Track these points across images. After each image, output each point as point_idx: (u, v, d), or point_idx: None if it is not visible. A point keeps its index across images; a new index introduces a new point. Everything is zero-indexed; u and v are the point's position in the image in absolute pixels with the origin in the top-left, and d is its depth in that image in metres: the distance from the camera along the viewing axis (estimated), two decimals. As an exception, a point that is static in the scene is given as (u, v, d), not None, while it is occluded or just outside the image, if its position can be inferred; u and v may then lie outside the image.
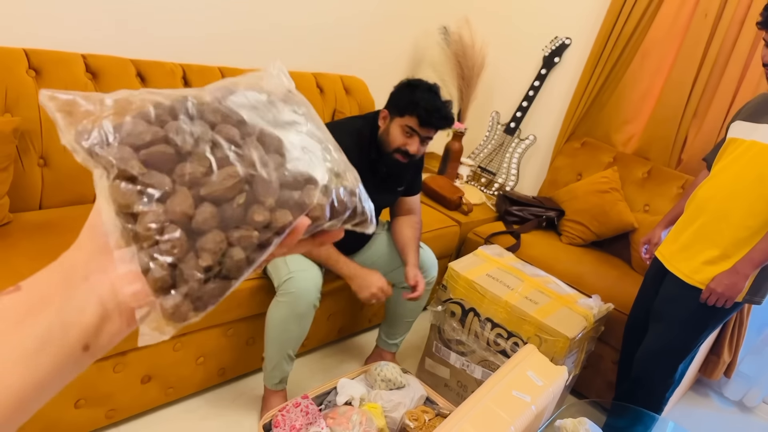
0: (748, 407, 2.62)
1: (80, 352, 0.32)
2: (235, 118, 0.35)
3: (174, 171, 0.32)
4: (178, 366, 1.73)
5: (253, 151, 0.34)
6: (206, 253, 0.32)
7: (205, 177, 0.33)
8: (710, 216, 1.67)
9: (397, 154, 1.74)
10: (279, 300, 1.69)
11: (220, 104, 0.35)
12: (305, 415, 1.53)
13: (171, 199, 0.32)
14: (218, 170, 0.33)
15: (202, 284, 0.33)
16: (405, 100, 1.70)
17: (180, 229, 0.32)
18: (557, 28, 3.01)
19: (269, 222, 0.34)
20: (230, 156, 0.34)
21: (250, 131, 0.35)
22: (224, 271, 0.33)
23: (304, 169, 0.36)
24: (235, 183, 0.33)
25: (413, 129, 1.70)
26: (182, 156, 0.33)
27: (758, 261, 1.57)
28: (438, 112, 1.67)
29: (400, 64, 3.24)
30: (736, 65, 2.44)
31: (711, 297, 1.64)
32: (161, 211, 0.31)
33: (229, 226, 0.33)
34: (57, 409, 1.50)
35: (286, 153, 0.36)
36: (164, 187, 0.32)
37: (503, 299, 1.89)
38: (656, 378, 1.85)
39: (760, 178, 1.57)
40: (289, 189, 0.35)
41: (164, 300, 0.32)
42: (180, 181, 0.32)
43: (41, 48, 1.72)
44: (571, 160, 2.92)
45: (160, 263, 0.31)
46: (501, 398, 1.43)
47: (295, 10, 2.52)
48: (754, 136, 1.61)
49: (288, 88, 0.40)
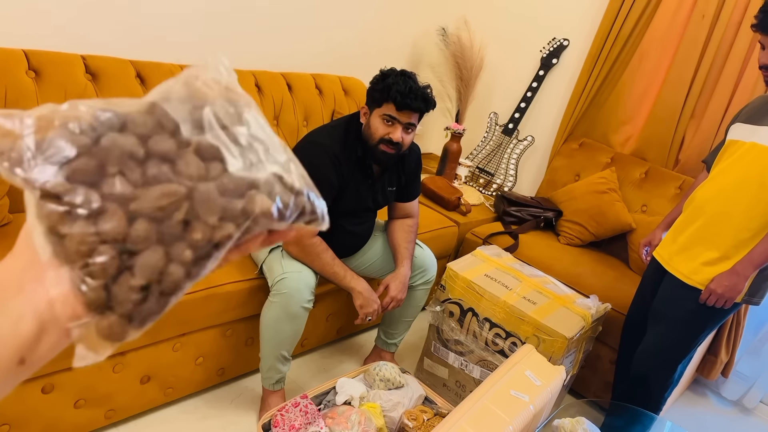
0: (746, 407, 2.62)
1: (15, 366, 0.31)
2: (169, 128, 0.33)
3: (102, 187, 0.31)
4: (177, 366, 1.73)
5: (191, 164, 0.33)
6: (141, 273, 0.31)
7: (137, 192, 0.31)
8: (710, 217, 1.68)
9: (382, 145, 1.72)
10: (272, 300, 1.69)
11: (153, 113, 0.33)
12: (304, 415, 1.54)
13: (101, 218, 0.30)
14: (153, 186, 0.31)
15: (138, 303, 0.31)
16: (379, 89, 1.69)
17: (111, 249, 0.30)
18: (555, 30, 3.02)
19: (210, 238, 0.32)
20: (165, 171, 0.32)
21: (186, 141, 0.33)
22: (162, 289, 0.32)
23: (245, 174, 0.34)
24: (172, 201, 0.31)
25: (392, 117, 1.68)
26: (111, 171, 0.31)
27: (758, 262, 1.58)
28: (413, 93, 1.65)
29: (399, 65, 3.23)
30: (733, 66, 2.45)
31: (711, 298, 1.64)
32: (91, 231, 0.30)
33: (168, 242, 0.32)
34: (57, 409, 1.50)
35: (226, 159, 0.34)
36: (92, 205, 0.30)
37: (501, 299, 1.89)
38: (655, 378, 1.86)
39: (761, 180, 1.57)
40: (231, 197, 0.33)
41: (99, 320, 0.31)
42: (110, 198, 0.31)
43: (41, 49, 1.73)
44: (569, 161, 2.93)
45: (92, 285, 0.30)
46: (499, 398, 1.44)
47: (295, 11, 2.52)
48: (754, 138, 1.61)
49: (227, 84, 0.37)
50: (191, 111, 0.34)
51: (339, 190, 1.75)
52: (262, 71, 2.36)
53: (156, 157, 0.32)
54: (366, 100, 1.77)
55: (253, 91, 2.29)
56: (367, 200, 1.86)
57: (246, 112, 0.36)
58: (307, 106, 2.48)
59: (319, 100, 2.54)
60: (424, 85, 1.71)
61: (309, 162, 1.70)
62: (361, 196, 1.83)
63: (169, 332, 1.63)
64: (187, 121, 0.34)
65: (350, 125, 1.79)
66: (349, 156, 1.74)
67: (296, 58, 2.63)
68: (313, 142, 1.74)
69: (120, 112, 0.33)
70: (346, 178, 1.75)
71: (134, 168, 0.31)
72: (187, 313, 1.63)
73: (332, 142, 1.72)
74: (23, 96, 1.63)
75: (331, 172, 1.70)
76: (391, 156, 1.75)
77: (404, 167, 1.91)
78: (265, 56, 2.50)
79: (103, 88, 1.80)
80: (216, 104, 0.35)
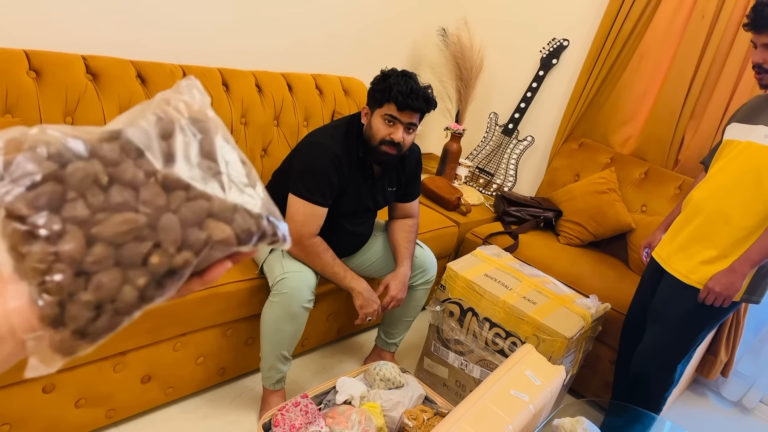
0: (746, 407, 2.63)
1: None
2: (133, 156, 0.35)
3: (64, 211, 0.32)
4: (177, 366, 1.73)
5: (154, 193, 0.34)
6: (95, 293, 0.33)
7: (98, 217, 0.33)
8: (707, 216, 1.68)
9: (384, 146, 1.72)
10: (272, 300, 1.70)
11: (119, 141, 0.35)
12: (304, 415, 1.54)
13: (61, 240, 0.32)
14: (115, 213, 0.33)
15: (90, 321, 0.33)
16: (380, 89, 1.69)
17: (69, 268, 0.32)
18: (555, 30, 3.02)
19: (168, 264, 0.34)
20: (128, 198, 0.34)
21: (151, 170, 0.35)
22: (116, 308, 0.33)
23: (206, 204, 0.36)
24: (131, 228, 0.33)
25: (394, 117, 1.68)
26: (74, 196, 0.33)
27: (755, 260, 1.58)
28: (414, 93, 1.65)
29: (399, 65, 3.24)
30: (732, 66, 2.45)
31: (709, 296, 1.65)
32: (50, 251, 0.32)
33: (125, 266, 0.33)
34: (57, 409, 1.50)
35: (189, 188, 0.35)
36: (53, 227, 0.32)
37: (501, 299, 1.90)
38: (654, 377, 1.86)
39: (757, 179, 1.58)
40: (190, 226, 0.35)
41: (52, 334, 0.32)
42: (71, 221, 0.32)
43: (42, 49, 1.73)
44: (569, 161, 2.93)
45: (47, 301, 0.32)
46: (499, 397, 1.44)
47: (295, 12, 2.53)
48: (750, 137, 1.62)
49: (199, 107, 0.39)
50: (158, 138, 0.36)
51: (339, 190, 1.75)
52: (263, 71, 2.36)
53: (120, 184, 0.34)
54: (367, 101, 1.77)
55: (254, 91, 2.29)
56: (367, 201, 1.86)
57: (214, 137, 0.38)
58: (307, 106, 2.48)
59: (320, 100, 2.54)
60: (425, 86, 1.71)
61: (310, 162, 1.71)
62: (362, 197, 1.83)
63: (170, 332, 1.64)
64: (152, 148, 0.35)
65: (351, 125, 1.79)
66: (349, 156, 1.75)
67: (297, 59, 2.64)
68: (314, 143, 1.74)
69: (87, 139, 0.34)
70: (347, 179, 1.75)
71: (97, 194, 0.33)
72: (187, 313, 1.64)
73: (333, 142, 1.73)
74: (24, 96, 1.63)
75: (332, 172, 1.71)
76: (392, 156, 1.75)
77: (404, 167, 1.92)
78: (266, 56, 2.50)
79: (104, 88, 1.81)
80: (184, 130, 0.37)
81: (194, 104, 0.39)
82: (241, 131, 2.25)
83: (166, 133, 0.36)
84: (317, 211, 1.71)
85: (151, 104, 0.37)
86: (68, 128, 0.34)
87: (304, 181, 1.70)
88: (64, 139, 0.33)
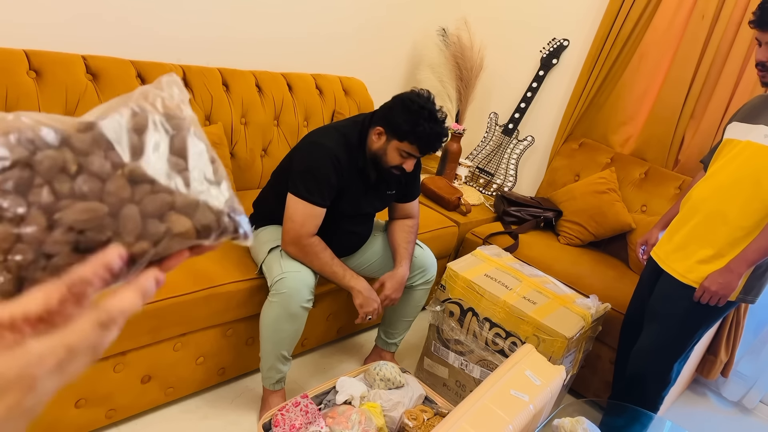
0: (746, 408, 2.63)
1: None
2: (103, 147, 0.36)
3: (30, 195, 0.34)
4: (177, 366, 1.73)
5: (119, 185, 0.36)
6: (51, 274, 0.34)
7: (62, 204, 0.34)
8: (705, 216, 1.68)
9: (394, 169, 1.77)
10: (271, 300, 1.70)
11: (91, 132, 0.36)
12: (305, 415, 1.54)
13: (24, 222, 0.34)
14: (79, 201, 0.35)
15: None
16: (406, 129, 1.67)
17: (29, 249, 0.34)
18: (555, 30, 3.02)
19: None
20: (94, 188, 0.35)
21: (119, 162, 0.36)
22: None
23: (168, 198, 0.37)
24: (92, 216, 0.35)
25: (411, 154, 1.73)
26: (40, 182, 0.34)
27: (752, 260, 1.59)
28: (438, 140, 1.71)
29: (399, 65, 3.25)
30: (733, 66, 2.45)
31: (705, 295, 1.65)
32: (12, 232, 0.33)
33: (83, 251, 0.35)
34: (57, 409, 1.50)
35: (154, 182, 0.37)
36: (17, 210, 0.34)
37: (501, 299, 1.90)
38: (650, 376, 1.86)
39: (755, 179, 1.58)
40: (151, 218, 0.37)
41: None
42: (35, 205, 0.34)
43: (42, 49, 1.73)
44: (569, 161, 2.93)
45: (7, 278, 0.34)
46: (499, 397, 1.44)
47: (295, 12, 2.53)
48: (749, 136, 1.62)
49: (177, 103, 0.40)
50: (130, 131, 0.37)
51: (338, 191, 1.75)
52: (263, 71, 2.36)
53: (87, 173, 0.35)
54: (383, 123, 1.73)
55: (254, 91, 2.29)
56: (366, 203, 1.86)
57: (186, 135, 0.40)
58: (307, 106, 2.49)
59: (320, 100, 2.54)
60: (442, 118, 1.72)
61: (310, 163, 1.71)
62: (360, 199, 1.84)
63: (170, 332, 1.64)
64: (122, 142, 0.37)
65: (354, 131, 1.78)
66: (350, 160, 1.75)
67: (297, 58, 2.64)
68: (314, 143, 1.74)
69: (60, 128, 0.36)
70: (346, 180, 1.75)
71: (64, 181, 0.35)
72: (187, 313, 1.64)
73: (334, 143, 1.73)
74: (24, 96, 1.63)
75: (332, 173, 1.71)
76: (398, 176, 1.82)
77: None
78: (266, 56, 2.50)
79: (104, 88, 1.81)
80: (157, 126, 0.38)
81: (172, 101, 0.40)
82: (241, 131, 2.25)
83: (139, 128, 0.37)
84: (316, 212, 1.71)
85: (131, 98, 0.39)
86: (44, 116, 0.36)
87: (303, 181, 1.70)
88: (37, 127, 0.35)
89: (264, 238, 1.81)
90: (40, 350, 0.31)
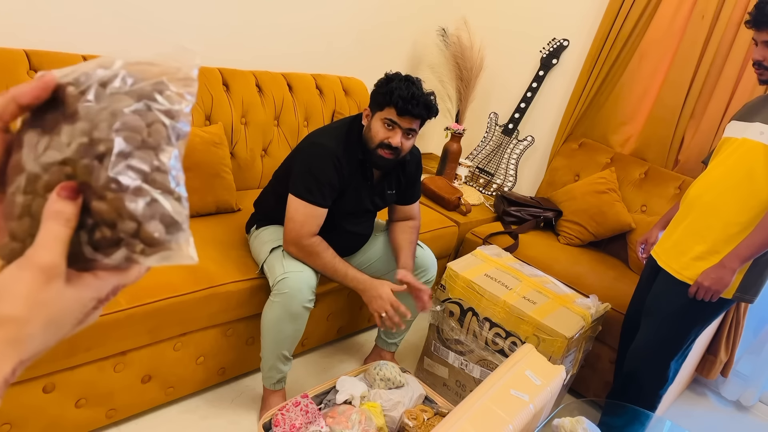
0: (746, 407, 2.63)
1: None
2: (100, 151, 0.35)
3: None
4: (178, 366, 1.74)
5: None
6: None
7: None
8: (701, 211, 1.70)
9: (381, 150, 1.72)
10: (273, 300, 1.70)
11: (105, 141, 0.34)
12: (305, 415, 1.54)
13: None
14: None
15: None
16: (382, 93, 1.69)
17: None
18: (555, 30, 3.02)
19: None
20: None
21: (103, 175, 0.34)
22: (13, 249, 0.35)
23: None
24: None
25: (393, 121, 1.68)
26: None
27: (744, 255, 1.59)
28: (415, 99, 1.65)
29: (399, 65, 3.25)
30: (733, 66, 2.45)
31: (699, 291, 1.66)
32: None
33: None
34: (58, 409, 1.50)
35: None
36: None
37: (501, 299, 1.90)
38: (647, 374, 1.87)
39: (750, 175, 1.60)
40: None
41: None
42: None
43: (42, 49, 1.73)
44: (569, 161, 2.93)
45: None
46: (499, 397, 1.44)
47: (295, 12, 2.53)
48: (745, 134, 1.64)
49: (186, 109, 0.37)
50: (138, 149, 0.35)
51: (339, 191, 1.75)
52: (263, 71, 2.36)
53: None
54: (369, 103, 1.77)
55: (254, 91, 2.29)
56: (367, 202, 1.86)
57: (173, 152, 0.36)
58: (307, 106, 2.49)
59: (320, 100, 2.54)
60: (427, 92, 1.70)
61: (310, 163, 1.71)
62: (361, 198, 1.84)
63: (170, 332, 1.64)
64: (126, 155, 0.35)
65: (352, 127, 1.79)
66: (350, 158, 1.75)
67: (297, 58, 2.64)
68: (315, 143, 1.74)
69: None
70: (347, 180, 1.75)
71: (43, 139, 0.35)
72: (187, 313, 1.64)
73: (334, 143, 1.73)
74: (24, 96, 1.63)
75: (332, 173, 1.71)
76: (389, 161, 1.75)
77: (404, 170, 1.92)
78: (266, 56, 2.50)
79: (104, 88, 1.81)
80: (165, 140, 0.36)
81: (184, 107, 0.37)
82: (242, 131, 2.25)
83: (148, 146, 0.35)
84: (317, 212, 1.71)
85: (158, 81, 0.37)
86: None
87: (304, 181, 1.70)
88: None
89: (265, 238, 1.82)
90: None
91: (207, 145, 2.00)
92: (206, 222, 1.99)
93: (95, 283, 0.35)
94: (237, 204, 2.13)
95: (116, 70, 0.37)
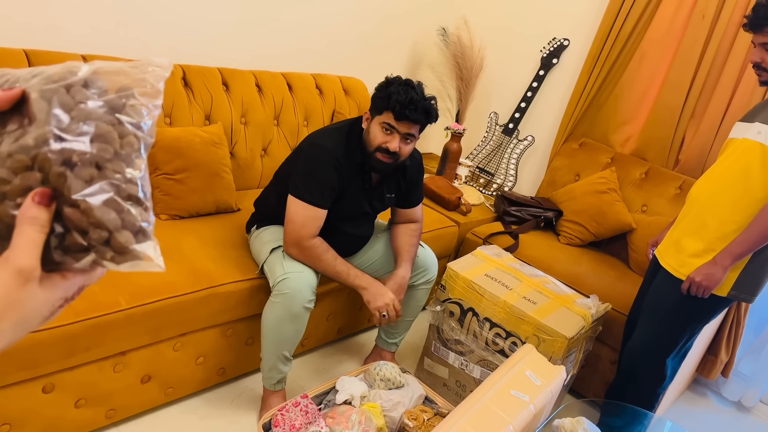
0: (746, 407, 2.63)
1: None
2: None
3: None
4: (177, 366, 1.73)
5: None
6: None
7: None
8: (699, 209, 1.72)
9: (379, 153, 1.71)
10: (273, 300, 1.69)
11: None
12: (305, 415, 1.54)
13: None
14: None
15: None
16: (381, 97, 1.68)
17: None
18: (555, 29, 3.02)
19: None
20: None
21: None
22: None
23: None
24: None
25: (391, 125, 1.67)
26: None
27: (736, 253, 1.60)
28: (413, 104, 1.63)
29: (399, 65, 3.25)
30: (733, 66, 2.45)
31: (691, 287, 1.67)
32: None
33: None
34: (57, 409, 1.50)
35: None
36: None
37: (502, 299, 1.89)
38: (643, 372, 1.87)
39: (745, 173, 1.61)
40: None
41: None
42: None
43: (41, 49, 1.73)
44: (569, 161, 2.93)
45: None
46: (500, 398, 1.44)
47: (295, 12, 2.53)
48: (746, 134, 1.66)
49: (152, 120, 0.39)
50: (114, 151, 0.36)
51: (339, 193, 1.75)
52: (263, 71, 2.36)
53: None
54: (369, 106, 1.76)
55: (254, 91, 2.29)
56: (366, 205, 1.86)
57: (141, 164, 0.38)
58: (307, 106, 2.48)
59: (320, 100, 2.54)
60: (428, 97, 1.69)
61: (311, 165, 1.71)
62: (360, 201, 1.83)
63: (170, 332, 1.64)
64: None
65: (353, 129, 1.79)
66: (350, 160, 1.74)
67: (296, 58, 2.64)
68: (315, 144, 1.74)
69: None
70: (347, 182, 1.75)
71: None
72: (187, 313, 1.64)
73: (335, 145, 1.72)
74: (24, 96, 1.63)
75: (333, 175, 1.70)
76: (387, 165, 1.74)
77: (404, 174, 1.91)
78: (266, 56, 2.50)
79: (104, 88, 1.80)
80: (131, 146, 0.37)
81: (146, 86, 0.39)
82: (241, 131, 2.25)
83: (120, 158, 0.36)
84: (317, 213, 1.71)
85: (128, 93, 0.38)
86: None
87: (304, 182, 1.69)
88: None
89: (266, 238, 1.81)
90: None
91: (207, 145, 2.00)
92: (206, 222, 1.99)
93: (63, 284, 0.37)
94: (237, 204, 2.13)
95: (84, 76, 0.38)
